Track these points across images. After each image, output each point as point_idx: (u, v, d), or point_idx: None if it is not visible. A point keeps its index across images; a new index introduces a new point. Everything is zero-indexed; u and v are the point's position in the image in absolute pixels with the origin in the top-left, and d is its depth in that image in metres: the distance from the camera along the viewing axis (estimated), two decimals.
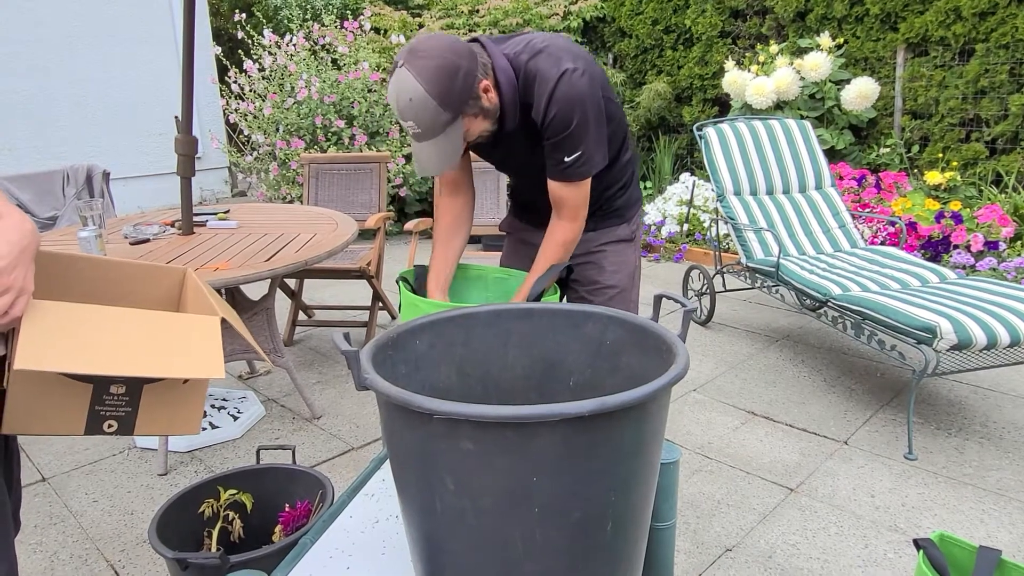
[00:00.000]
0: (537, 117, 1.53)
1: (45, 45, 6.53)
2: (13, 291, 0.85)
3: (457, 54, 1.41)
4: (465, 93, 1.43)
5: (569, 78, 1.49)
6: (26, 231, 0.89)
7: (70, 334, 0.92)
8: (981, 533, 2.04)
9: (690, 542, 2.04)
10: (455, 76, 1.40)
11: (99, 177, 3.87)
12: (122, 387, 1.01)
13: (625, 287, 1.83)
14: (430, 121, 1.42)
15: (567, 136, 1.52)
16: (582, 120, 1.51)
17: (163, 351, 0.97)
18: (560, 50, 1.52)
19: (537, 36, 1.58)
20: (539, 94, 1.51)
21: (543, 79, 1.50)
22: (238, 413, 2.79)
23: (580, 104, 1.50)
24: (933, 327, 2.34)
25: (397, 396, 0.74)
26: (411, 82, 1.39)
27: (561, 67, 1.49)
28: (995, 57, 4.66)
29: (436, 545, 0.82)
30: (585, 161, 1.56)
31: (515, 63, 1.53)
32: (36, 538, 2.13)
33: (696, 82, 6.24)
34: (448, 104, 1.41)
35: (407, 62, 1.40)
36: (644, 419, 0.77)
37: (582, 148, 1.54)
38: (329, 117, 5.54)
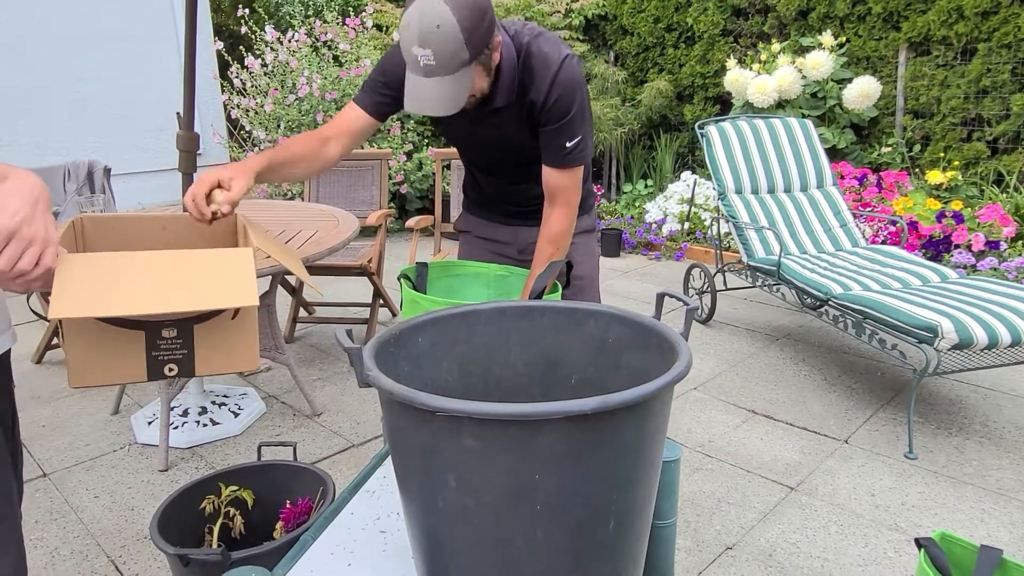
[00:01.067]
0: (538, 98, 1.53)
1: (45, 40, 6.53)
2: (38, 242, 0.84)
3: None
4: (487, 37, 1.39)
5: (570, 63, 1.51)
6: (34, 184, 0.88)
7: (101, 280, 0.92)
8: (981, 532, 2.04)
9: (691, 540, 2.04)
10: (484, 17, 1.36)
11: (100, 173, 3.86)
12: (173, 330, 1.02)
13: (593, 277, 1.88)
14: (450, 55, 1.34)
15: (568, 121, 1.54)
16: (581, 105, 1.54)
17: (195, 286, 0.97)
18: (554, 38, 1.55)
19: (530, 24, 1.59)
20: (540, 76, 1.51)
21: (546, 61, 1.51)
22: (239, 410, 2.79)
23: (580, 89, 1.53)
24: (934, 326, 2.34)
25: (400, 393, 0.74)
26: (442, 8, 1.30)
27: (562, 52, 1.51)
28: (997, 56, 4.66)
29: (438, 542, 0.82)
30: (583, 147, 1.58)
31: (516, 41, 1.54)
32: (37, 533, 2.13)
33: (698, 80, 6.23)
34: (472, 42, 1.35)
35: None
36: (647, 417, 0.77)
37: (581, 133, 1.56)
38: (330, 114, 5.54)
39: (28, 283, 0.86)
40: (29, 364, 3.43)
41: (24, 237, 0.83)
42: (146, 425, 2.70)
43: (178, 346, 1.03)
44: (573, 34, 6.66)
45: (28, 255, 0.83)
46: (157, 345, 1.02)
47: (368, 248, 3.73)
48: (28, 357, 3.48)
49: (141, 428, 2.69)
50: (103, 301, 0.90)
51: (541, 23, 6.52)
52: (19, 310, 4.10)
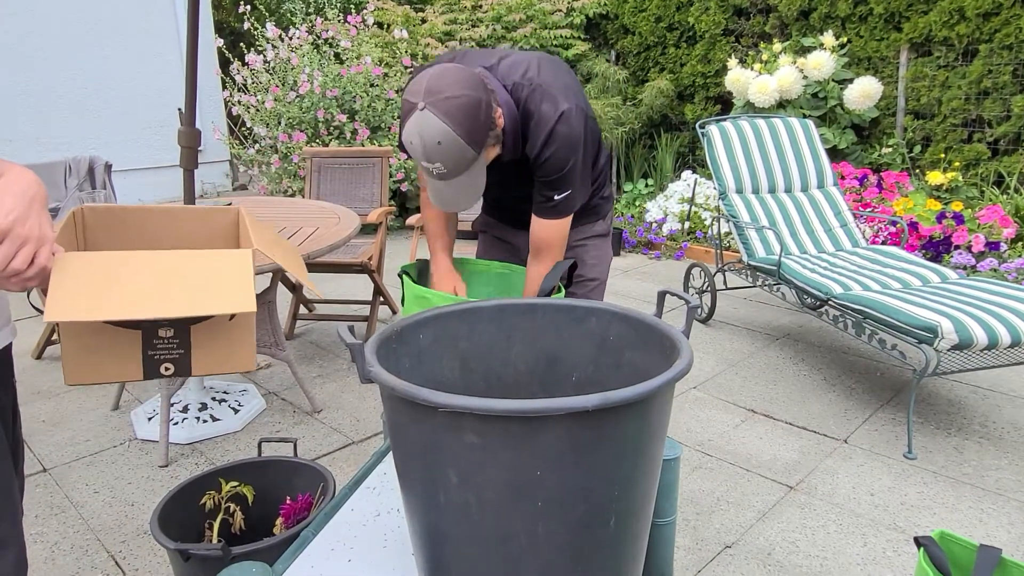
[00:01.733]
0: (532, 152, 1.53)
1: (47, 36, 6.52)
2: (32, 240, 0.83)
3: (475, 87, 1.38)
4: (487, 127, 1.40)
5: (567, 120, 1.49)
6: (31, 181, 0.86)
7: (99, 282, 0.91)
8: (980, 533, 2.05)
9: (690, 539, 2.05)
10: (479, 112, 1.37)
11: (101, 169, 3.86)
12: (170, 330, 1.02)
13: (604, 279, 1.90)
14: (457, 160, 1.39)
15: (560, 177, 1.54)
16: (575, 163, 1.53)
17: (193, 290, 0.96)
18: (554, 88, 1.51)
19: (528, 62, 1.56)
20: (536, 133, 1.51)
21: (542, 119, 1.50)
22: (239, 406, 2.79)
23: (576, 147, 1.51)
24: (934, 326, 2.34)
25: (402, 389, 0.74)
26: (437, 124, 1.33)
27: (559, 108, 1.49)
28: (998, 58, 4.66)
29: (439, 538, 0.82)
30: (570, 199, 1.58)
31: (515, 95, 1.52)
32: (37, 528, 2.14)
33: (699, 80, 6.23)
34: (475, 141, 1.38)
35: (428, 103, 1.33)
36: (648, 415, 0.78)
37: (571, 188, 1.56)
38: (331, 111, 5.54)
39: (23, 282, 0.85)
40: (29, 360, 3.43)
41: (18, 236, 0.82)
42: (146, 421, 2.71)
43: (175, 346, 1.03)
44: (574, 33, 6.66)
45: (22, 254, 0.82)
46: (154, 345, 1.02)
47: (369, 245, 3.73)
48: (28, 353, 3.48)
49: (141, 424, 2.70)
50: (99, 304, 0.90)
51: (543, 22, 6.51)
52: (19, 305, 4.10)
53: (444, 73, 1.38)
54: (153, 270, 0.96)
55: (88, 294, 0.90)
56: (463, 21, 6.52)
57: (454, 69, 1.39)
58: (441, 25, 6.45)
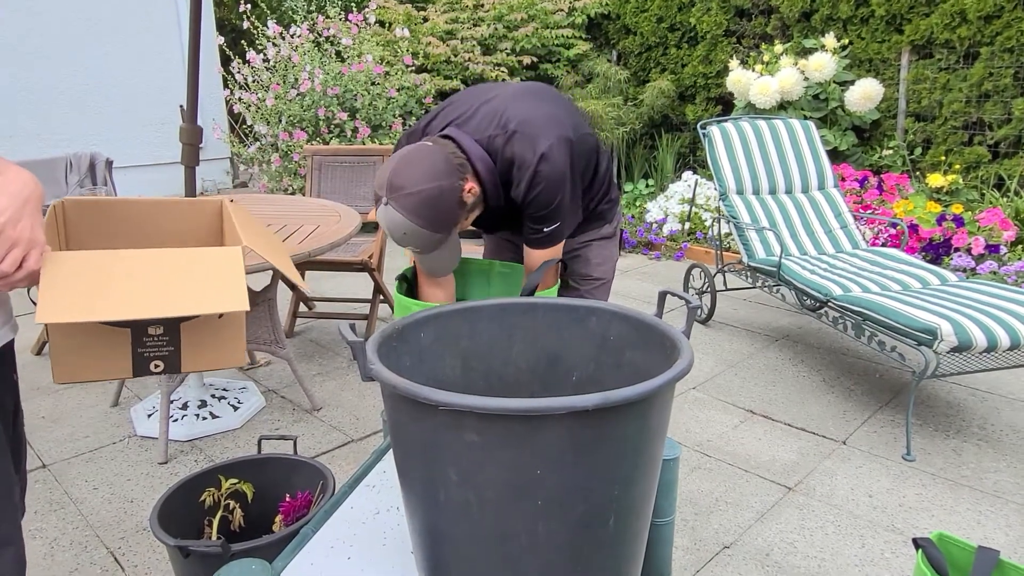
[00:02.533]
0: (518, 197, 1.55)
1: (47, 32, 6.52)
2: (22, 244, 0.83)
3: (435, 175, 1.41)
4: (452, 210, 1.45)
5: (548, 159, 1.49)
6: (26, 182, 0.86)
7: (89, 283, 0.91)
8: (978, 535, 2.05)
9: (688, 539, 2.05)
10: (439, 201, 1.41)
11: (102, 165, 3.87)
12: (159, 328, 1.02)
13: (609, 279, 1.91)
14: (426, 243, 1.46)
15: (548, 213, 1.55)
16: (562, 197, 1.54)
17: (185, 289, 0.96)
18: (532, 127, 1.51)
19: (505, 106, 1.55)
20: (519, 177, 1.52)
21: (523, 163, 1.51)
22: (238, 404, 2.79)
23: (561, 183, 1.52)
24: (934, 329, 2.34)
25: (403, 387, 0.75)
26: (400, 219, 1.41)
27: (538, 150, 1.49)
28: (1000, 61, 4.66)
29: (439, 537, 0.82)
30: (560, 229, 1.60)
31: (490, 147, 1.53)
32: (36, 524, 2.14)
33: (700, 81, 6.23)
34: (439, 226, 1.44)
35: (390, 199, 1.40)
36: (648, 414, 0.78)
37: (560, 220, 1.58)
38: (332, 109, 5.54)
39: (11, 284, 0.85)
40: (29, 355, 3.43)
41: (8, 239, 0.81)
42: (146, 418, 2.71)
43: (164, 343, 1.03)
44: (575, 33, 6.66)
45: (10, 257, 0.82)
46: (143, 342, 1.02)
47: (369, 244, 3.73)
48: (28, 348, 3.48)
49: (141, 421, 2.70)
50: (91, 305, 0.90)
51: (544, 21, 6.51)
52: (18, 300, 4.10)
53: (407, 163, 1.41)
54: (144, 269, 0.96)
55: (79, 295, 0.89)
56: (464, 20, 6.52)
57: (417, 158, 1.42)
58: (443, 24, 6.44)
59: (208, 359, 1.08)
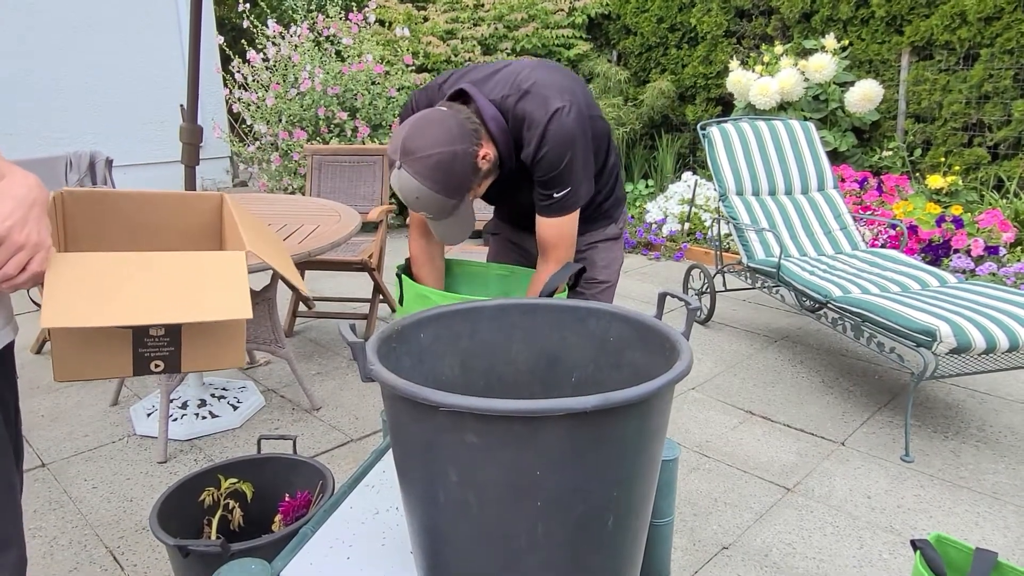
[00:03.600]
0: (527, 158, 1.54)
1: (48, 31, 6.52)
2: (28, 247, 0.83)
3: (449, 139, 1.40)
4: (466, 175, 1.44)
5: (559, 119, 1.48)
6: (31, 185, 0.86)
7: (94, 286, 0.91)
8: (976, 536, 2.05)
9: (687, 539, 2.05)
10: (452, 165, 1.41)
11: (102, 164, 3.86)
12: (161, 329, 1.02)
13: (614, 281, 1.90)
14: (440, 208, 1.46)
15: (557, 174, 1.53)
16: (572, 159, 1.52)
17: (189, 295, 0.97)
18: (546, 88, 1.51)
19: (521, 69, 1.55)
20: (529, 137, 1.51)
21: (533, 122, 1.50)
22: (238, 403, 2.79)
23: (571, 143, 1.51)
24: (932, 330, 2.35)
25: (403, 388, 0.75)
26: (412, 183, 1.40)
27: (549, 108, 1.48)
28: (999, 62, 4.66)
29: (438, 537, 0.82)
30: (572, 195, 1.57)
31: (503, 106, 1.53)
32: (36, 523, 2.14)
33: (700, 81, 6.23)
34: (452, 191, 1.44)
35: (403, 162, 1.40)
36: (647, 415, 0.78)
37: (571, 184, 1.55)
38: (332, 109, 5.54)
39: (15, 286, 0.85)
40: (28, 354, 3.43)
41: (14, 243, 0.82)
42: (145, 417, 2.71)
43: (165, 344, 1.03)
44: (576, 33, 6.66)
45: (15, 261, 0.83)
46: (144, 343, 1.02)
47: (369, 244, 3.73)
48: (27, 347, 3.48)
49: (140, 420, 2.70)
50: (96, 310, 0.90)
51: (544, 21, 6.51)
52: (17, 300, 4.10)
53: (420, 127, 1.41)
54: (147, 273, 0.96)
55: (84, 299, 0.90)
56: (465, 20, 6.52)
57: (429, 122, 1.42)
58: (443, 24, 6.44)
59: (208, 359, 1.08)
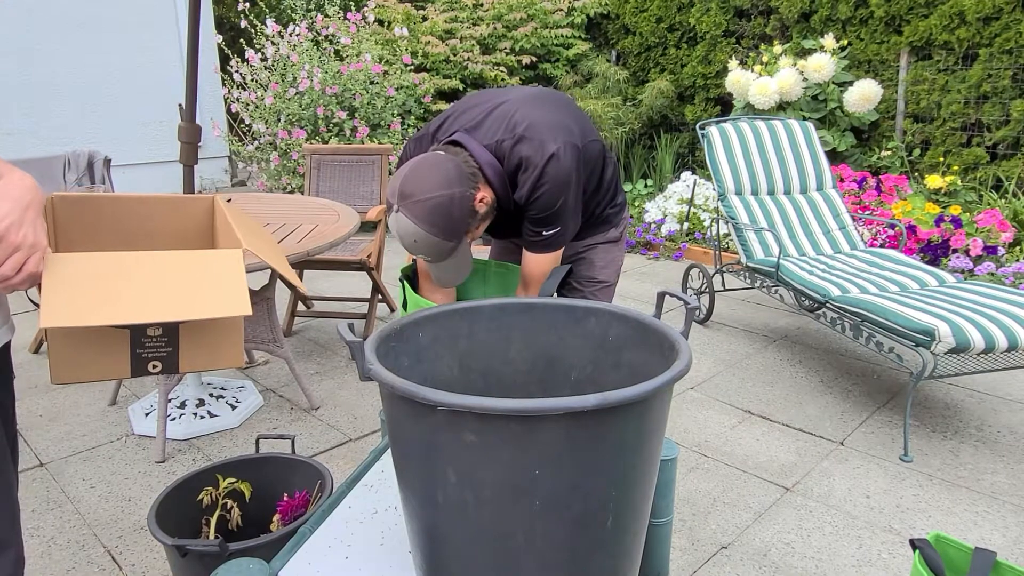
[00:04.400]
0: (520, 199, 1.56)
1: (46, 30, 6.51)
2: (24, 248, 0.84)
3: (447, 183, 1.42)
4: (463, 218, 1.46)
5: (555, 162, 1.50)
6: (28, 187, 0.87)
7: (92, 286, 0.91)
8: (975, 535, 2.05)
9: (686, 539, 2.05)
10: (451, 208, 1.42)
11: (100, 163, 3.86)
12: (158, 329, 1.02)
13: (613, 282, 1.92)
14: (438, 251, 1.47)
15: (550, 215, 1.56)
16: (564, 200, 1.55)
17: (187, 293, 0.97)
18: (540, 130, 1.52)
19: (514, 109, 1.56)
20: (524, 179, 1.53)
21: (529, 165, 1.52)
22: (236, 403, 2.79)
23: (565, 187, 1.53)
24: (931, 330, 2.35)
25: (401, 387, 0.75)
26: (410, 226, 1.41)
27: (546, 153, 1.50)
28: (998, 62, 4.66)
29: (436, 536, 0.82)
30: (560, 234, 1.61)
31: (498, 151, 1.54)
32: (33, 523, 2.14)
33: (699, 81, 6.23)
34: (450, 234, 1.45)
35: (401, 206, 1.41)
36: (646, 415, 0.78)
37: (560, 224, 1.58)
38: (331, 108, 5.53)
39: (11, 287, 0.86)
40: (26, 354, 3.43)
41: (10, 244, 0.83)
42: (143, 416, 2.70)
43: (163, 344, 1.03)
44: (575, 32, 6.66)
45: (11, 262, 0.83)
46: (142, 343, 1.02)
47: (368, 243, 3.73)
48: (25, 347, 3.48)
49: (138, 419, 2.70)
50: (95, 309, 0.90)
51: (543, 21, 6.51)
52: (15, 299, 4.10)
53: (417, 173, 1.42)
54: (145, 272, 0.96)
55: (83, 298, 0.90)
56: (464, 19, 6.52)
57: (427, 166, 1.43)
58: (442, 23, 6.44)
59: (206, 359, 1.08)
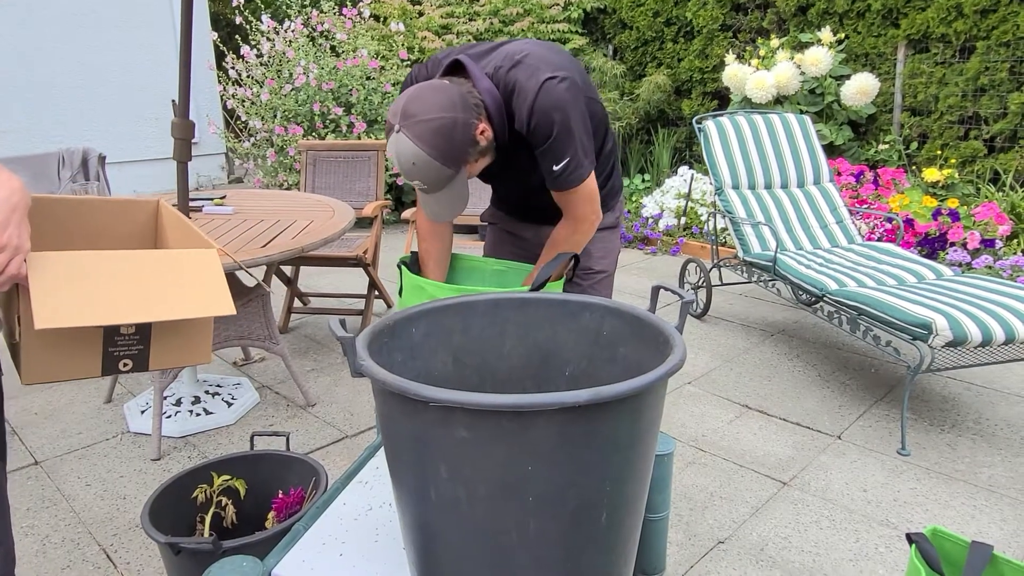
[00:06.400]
0: (520, 128, 1.53)
1: (41, 27, 6.48)
2: (8, 250, 0.84)
3: (451, 107, 1.40)
4: (464, 145, 1.44)
5: (548, 88, 1.48)
6: (14, 188, 0.86)
7: (80, 286, 0.92)
8: (972, 529, 2.05)
9: (683, 534, 2.05)
10: (452, 132, 1.40)
11: (95, 160, 3.84)
12: (132, 327, 1.02)
13: (611, 272, 1.89)
14: (435, 178, 1.44)
15: (551, 145, 1.52)
16: (563, 128, 1.50)
17: (172, 293, 0.97)
18: (538, 60, 1.50)
19: (516, 45, 1.55)
20: (519, 106, 1.50)
21: (522, 91, 1.49)
22: (232, 400, 2.78)
23: (561, 112, 1.49)
24: (929, 323, 2.34)
25: (392, 383, 0.74)
26: (410, 146, 1.39)
27: (540, 77, 1.48)
28: (995, 55, 4.66)
29: (430, 533, 0.81)
30: (575, 167, 1.55)
31: (495, 77, 1.52)
32: (28, 521, 2.13)
33: (696, 75, 6.22)
34: (450, 160, 1.42)
35: (403, 126, 1.39)
36: (640, 410, 0.77)
37: (569, 155, 1.53)
38: (327, 104, 5.52)
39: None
40: None
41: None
42: (139, 414, 2.70)
43: (135, 342, 1.03)
44: (572, 27, 6.64)
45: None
46: (115, 342, 1.02)
47: (364, 239, 3.72)
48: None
49: (134, 417, 2.69)
50: (87, 310, 0.90)
51: (540, 16, 6.49)
52: None
53: (421, 94, 1.41)
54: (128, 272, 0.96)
55: (74, 299, 0.90)
56: (460, 15, 6.50)
57: (432, 89, 1.42)
58: (438, 19, 6.42)
59: (175, 357, 1.08)
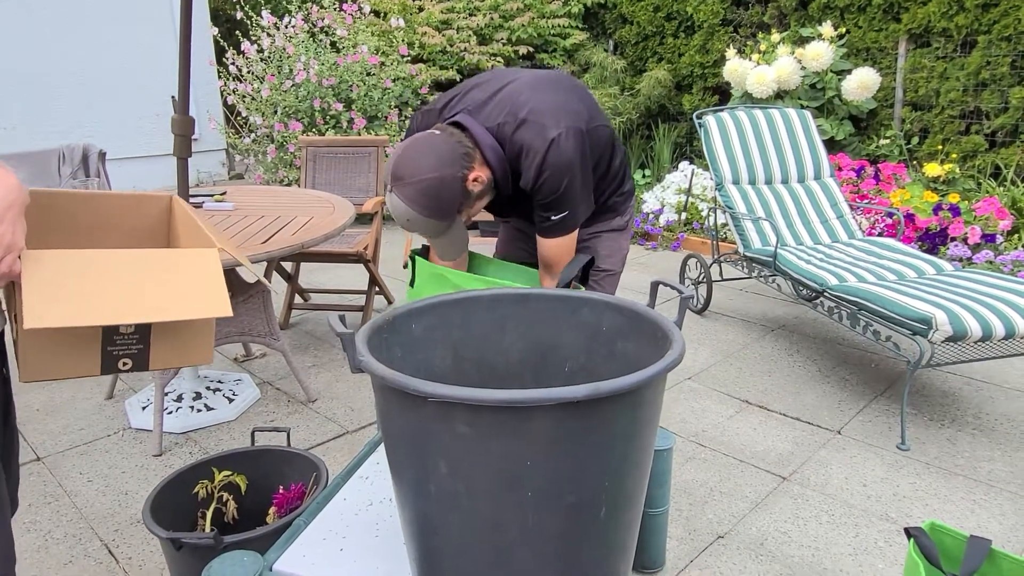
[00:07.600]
0: (526, 185, 1.56)
1: (41, 24, 6.47)
2: (2, 247, 0.83)
3: (438, 165, 1.44)
4: (454, 199, 1.48)
5: (556, 147, 1.50)
6: (11, 186, 0.86)
7: (73, 286, 0.91)
8: (972, 523, 2.06)
9: (682, 528, 2.05)
10: (440, 191, 1.45)
11: (95, 157, 3.84)
12: (131, 327, 1.02)
13: (617, 270, 1.91)
14: (432, 229, 1.51)
15: (556, 198, 1.56)
16: (570, 184, 1.54)
17: (168, 293, 0.97)
18: (543, 114, 1.52)
19: (519, 92, 1.56)
20: (527, 165, 1.53)
21: (531, 151, 1.52)
22: (233, 396, 2.79)
23: (568, 169, 1.53)
24: (929, 318, 2.34)
25: (392, 379, 0.74)
26: (403, 207, 1.46)
27: (547, 137, 1.50)
28: (997, 49, 4.64)
29: (429, 528, 0.82)
30: (571, 217, 1.61)
31: (500, 134, 1.55)
32: (30, 517, 2.13)
33: (697, 70, 6.21)
34: (443, 213, 1.48)
35: (394, 187, 1.46)
36: (639, 405, 0.77)
37: (569, 207, 1.58)
38: (327, 100, 5.51)
39: None
40: None
41: None
42: (140, 410, 2.70)
43: (134, 341, 1.03)
44: (572, 22, 6.62)
45: None
46: (114, 341, 1.01)
47: (364, 235, 3.72)
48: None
49: (135, 413, 2.69)
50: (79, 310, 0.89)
51: (540, 11, 6.47)
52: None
53: (409, 154, 1.46)
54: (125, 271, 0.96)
55: (66, 299, 0.89)
56: (460, 10, 6.48)
57: (420, 146, 1.46)
58: (438, 14, 6.40)
59: (175, 357, 1.07)
